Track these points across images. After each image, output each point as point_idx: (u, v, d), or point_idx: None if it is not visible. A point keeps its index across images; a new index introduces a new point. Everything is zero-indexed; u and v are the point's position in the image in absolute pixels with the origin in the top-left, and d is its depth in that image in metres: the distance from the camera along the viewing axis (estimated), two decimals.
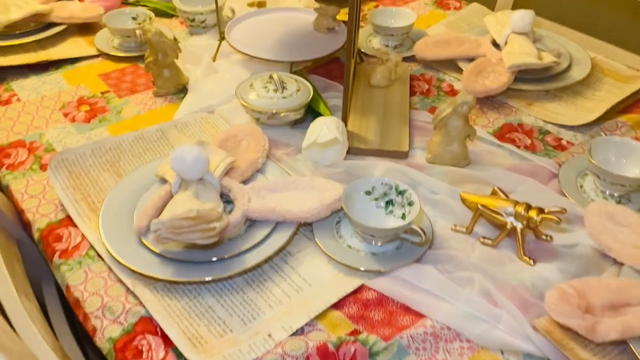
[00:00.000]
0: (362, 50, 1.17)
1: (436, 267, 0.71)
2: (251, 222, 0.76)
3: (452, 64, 1.12)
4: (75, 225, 0.76)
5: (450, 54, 1.12)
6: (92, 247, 0.73)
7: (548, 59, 1.05)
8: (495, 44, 1.13)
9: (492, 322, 0.65)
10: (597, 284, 0.66)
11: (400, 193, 0.77)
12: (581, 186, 0.85)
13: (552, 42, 1.16)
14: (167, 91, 1.03)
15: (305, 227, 0.77)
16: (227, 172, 0.80)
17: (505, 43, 1.10)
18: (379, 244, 0.74)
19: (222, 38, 1.13)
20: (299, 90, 0.94)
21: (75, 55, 1.13)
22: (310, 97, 0.94)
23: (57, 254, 0.73)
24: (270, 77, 0.95)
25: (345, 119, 0.91)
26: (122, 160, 0.86)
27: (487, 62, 1.07)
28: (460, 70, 1.10)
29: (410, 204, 0.75)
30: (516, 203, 0.74)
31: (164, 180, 0.80)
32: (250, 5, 1.27)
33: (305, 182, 0.79)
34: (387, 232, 0.71)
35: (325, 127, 0.85)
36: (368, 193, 0.78)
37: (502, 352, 0.63)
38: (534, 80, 1.06)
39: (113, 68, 1.11)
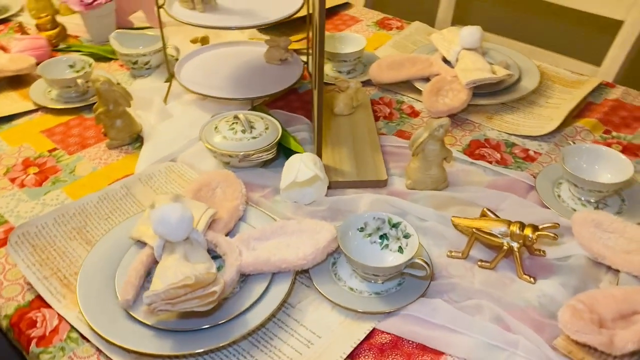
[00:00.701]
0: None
1: (442, 299, 0.70)
2: (244, 277, 0.71)
3: (408, 85, 1.13)
4: (48, 306, 0.68)
5: (405, 76, 1.12)
6: (73, 328, 0.66)
7: (501, 72, 1.07)
8: (445, 61, 1.14)
9: (511, 349, 0.64)
10: (603, 295, 0.66)
11: (394, 226, 0.75)
12: (559, 195, 0.87)
13: (498, 54, 1.19)
14: (122, 142, 0.97)
15: (300, 274, 0.74)
16: (210, 225, 0.75)
17: (456, 60, 1.12)
18: (380, 282, 0.72)
19: (171, 78, 1.07)
20: (267, 128, 0.90)
21: (10, 113, 1.04)
22: (280, 134, 0.90)
23: (33, 342, 0.65)
24: (236, 117, 0.91)
25: (319, 154, 0.89)
26: (89, 225, 0.79)
27: (443, 81, 1.08)
28: (416, 91, 1.11)
29: (406, 236, 0.73)
30: (510, 223, 0.74)
31: (140, 243, 0.73)
32: (193, 41, 1.22)
33: (294, 226, 0.75)
34: (390, 271, 0.69)
35: (303, 165, 0.82)
36: (361, 230, 0.76)
37: None
38: (489, 94, 1.08)
39: (56, 122, 1.02)
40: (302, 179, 0.81)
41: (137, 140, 0.98)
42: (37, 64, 1.10)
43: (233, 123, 0.90)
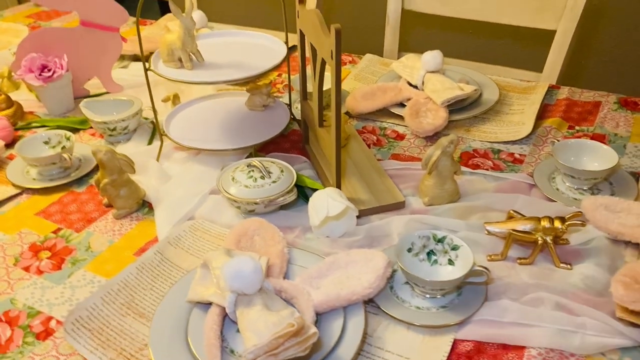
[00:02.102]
0: (297, 118, 1.18)
1: (504, 299, 0.74)
2: (317, 317, 0.71)
3: (384, 112, 1.19)
4: None
5: (380, 104, 1.19)
6: None
7: (468, 88, 1.17)
8: (410, 85, 1.22)
9: (581, 331, 0.70)
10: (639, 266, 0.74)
11: (440, 241, 0.79)
12: (557, 189, 0.95)
13: (455, 73, 1.29)
14: (130, 210, 0.93)
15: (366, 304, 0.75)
16: (267, 272, 0.75)
17: (422, 83, 1.20)
18: (441, 295, 0.75)
19: (162, 138, 1.06)
20: (282, 171, 0.92)
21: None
22: (295, 175, 0.92)
23: None
24: (250, 165, 0.91)
25: (339, 186, 0.91)
26: (137, 298, 0.76)
27: (418, 103, 1.16)
28: (394, 116, 1.17)
29: (454, 248, 0.78)
30: (539, 219, 0.81)
31: (201, 305, 0.72)
32: (165, 101, 1.21)
33: (344, 259, 0.77)
34: (456, 282, 0.73)
35: (331, 199, 0.85)
36: (409, 250, 0.79)
37: (603, 355, 0.68)
38: (458, 110, 1.17)
39: (48, 202, 0.97)
40: (335, 212, 0.84)
41: (143, 205, 0.95)
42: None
43: (250, 171, 0.91)
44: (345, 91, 1.27)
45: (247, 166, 0.91)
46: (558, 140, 1.02)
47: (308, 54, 1.01)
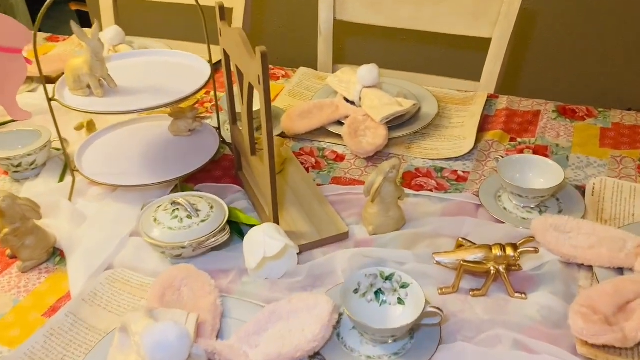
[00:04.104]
0: (228, 141, 1.09)
1: (458, 340, 0.69)
2: None
3: (322, 131, 1.12)
4: None
5: (317, 123, 1.11)
6: None
7: (407, 103, 1.11)
8: (347, 101, 1.16)
9: None
10: (597, 294, 0.70)
11: (388, 278, 0.72)
12: (504, 208, 0.91)
13: (392, 86, 1.23)
14: (38, 261, 0.82)
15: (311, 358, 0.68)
16: (197, 332, 0.66)
17: (360, 99, 1.14)
18: (392, 341, 0.69)
19: (73, 174, 0.94)
20: (212, 207, 0.83)
21: None
22: (227, 211, 0.84)
23: None
24: (174, 202, 0.82)
25: (277, 221, 0.83)
26: None
27: (356, 121, 1.09)
28: (332, 135, 1.11)
29: (403, 286, 0.72)
30: (490, 247, 0.76)
31: None
32: (78, 129, 1.09)
33: (286, 307, 0.70)
34: (406, 328, 0.66)
35: (268, 237, 0.77)
36: (356, 291, 0.72)
37: None
38: (398, 126, 1.11)
39: None
40: (273, 252, 0.76)
41: (54, 254, 0.84)
42: None
43: (174, 210, 0.81)
44: (280, 109, 1.19)
45: (172, 204, 0.82)
46: (502, 157, 0.98)
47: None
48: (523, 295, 0.75)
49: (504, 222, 0.88)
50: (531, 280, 0.78)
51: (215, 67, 0.94)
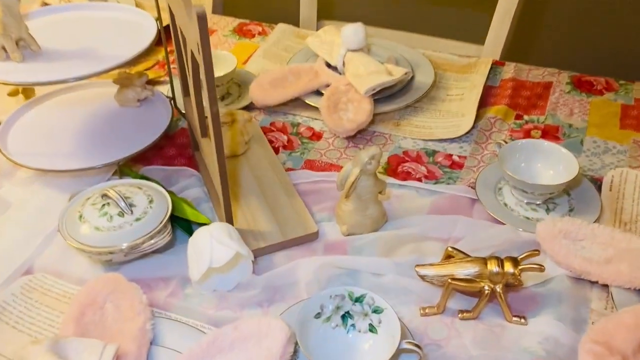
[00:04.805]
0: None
1: None
2: None
3: (298, 102, 0.96)
4: None
5: (292, 93, 0.96)
6: None
7: (397, 72, 0.95)
8: (329, 66, 1.00)
9: None
10: (613, 326, 0.57)
11: (357, 300, 0.59)
12: (505, 204, 0.77)
13: (382, 49, 1.07)
14: None
15: None
16: None
17: (343, 64, 0.98)
18: None
19: None
20: (151, 201, 0.68)
21: None
22: (170, 205, 0.69)
23: None
24: (105, 195, 0.67)
25: (230, 220, 0.69)
26: None
27: (337, 92, 0.94)
28: (310, 108, 0.95)
29: (376, 310, 0.58)
30: (485, 261, 0.62)
31: None
32: (12, 94, 0.93)
33: (230, 335, 0.56)
34: None
35: (215, 242, 0.63)
36: (318, 316, 0.59)
37: None
38: (386, 98, 0.96)
39: None
40: (221, 262, 0.62)
41: None
42: None
43: (103, 205, 0.67)
44: (251, 75, 1.03)
45: (101, 197, 0.67)
46: (505, 142, 0.83)
47: None
48: (522, 320, 0.62)
49: (504, 223, 0.74)
50: (533, 300, 0.64)
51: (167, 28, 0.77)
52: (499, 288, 0.61)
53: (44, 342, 0.52)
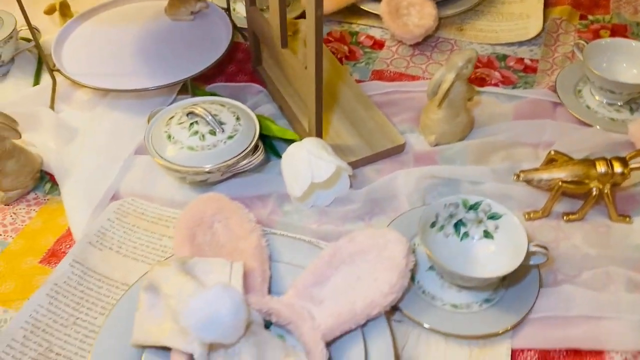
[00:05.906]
0: (239, 26, 0.88)
1: (559, 280, 0.56)
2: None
3: (352, 10, 0.91)
4: None
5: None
6: None
7: None
8: None
9: None
10: None
11: (472, 208, 0.58)
12: (587, 106, 0.75)
13: None
14: (24, 189, 0.66)
15: None
16: (245, 286, 0.52)
17: None
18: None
19: (53, 74, 0.75)
20: (237, 118, 0.65)
21: None
22: (257, 122, 0.66)
23: None
24: (191, 114, 0.64)
25: (320, 134, 0.67)
26: (57, 343, 0.51)
27: None
28: (366, 14, 0.90)
29: (492, 217, 0.57)
30: (594, 162, 0.61)
31: (154, 350, 0.49)
32: (48, 12, 0.87)
33: (347, 248, 0.55)
34: (501, 276, 0.53)
35: (313, 157, 0.61)
36: (433, 225, 0.58)
37: None
38: (444, 2, 0.91)
39: None
40: (322, 178, 0.60)
41: (42, 180, 0.67)
42: None
43: (191, 124, 0.63)
44: None
45: (187, 115, 0.64)
46: (579, 42, 0.79)
47: None
48: (627, 219, 0.62)
49: (590, 125, 0.72)
50: (634, 199, 0.65)
51: None
52: (607, 189, 0.61)
53: (172, 264, 0.50)
